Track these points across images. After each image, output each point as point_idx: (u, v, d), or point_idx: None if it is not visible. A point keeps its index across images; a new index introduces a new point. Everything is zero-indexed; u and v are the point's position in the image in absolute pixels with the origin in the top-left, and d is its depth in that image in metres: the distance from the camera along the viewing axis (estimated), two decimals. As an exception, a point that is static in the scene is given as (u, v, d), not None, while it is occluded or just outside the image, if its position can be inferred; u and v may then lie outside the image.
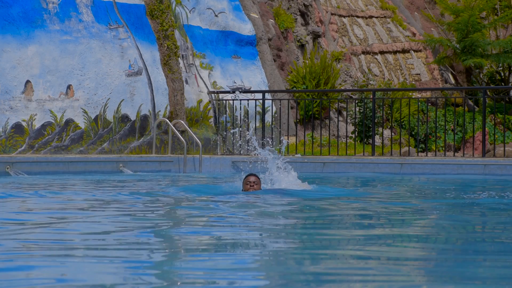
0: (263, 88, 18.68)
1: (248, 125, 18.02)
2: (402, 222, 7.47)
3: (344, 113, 20.55)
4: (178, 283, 4.36)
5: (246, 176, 10.03)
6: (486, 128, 16.83)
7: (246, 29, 19.26)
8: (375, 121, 17.57)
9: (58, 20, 15.33)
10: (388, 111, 19.47)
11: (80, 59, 15.38)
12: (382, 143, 17.50)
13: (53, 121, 14.95)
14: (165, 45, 16.93)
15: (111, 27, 16.10)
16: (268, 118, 18.12)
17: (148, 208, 8.40)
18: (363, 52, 24.08)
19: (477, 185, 12.64)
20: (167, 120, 16.24)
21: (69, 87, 15.18)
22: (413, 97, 20.45)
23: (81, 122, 15.28)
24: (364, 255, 5.28)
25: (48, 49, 15.00)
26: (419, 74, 24.84)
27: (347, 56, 22.75)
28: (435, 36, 24.15)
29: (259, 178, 10.04)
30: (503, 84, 23.90)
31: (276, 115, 18.57)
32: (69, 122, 15.15)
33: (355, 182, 13.63)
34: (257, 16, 19.62)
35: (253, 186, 9.86)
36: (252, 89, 18.43)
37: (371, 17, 25.32)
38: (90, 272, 4.59)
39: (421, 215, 8.04)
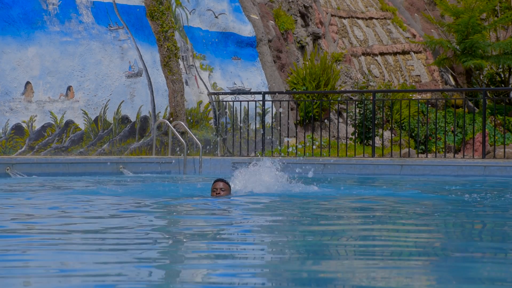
0: (263, 90, 18.67)
1: (248, 126, 18.02)
2: (402, 221, 7.47)
3: (344, 114, 20.54)
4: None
5: (214, 182, 9.53)
6: (486, 130, 16.82)
7: (246, 30, 19.26)
8: (375, 122, 17.56)
9: (58, 21, 15.33)
10: (388, 113, 19.46)
11: (80, 61, 15.38)
12: (382, 144, 17.49)
13: (53, 123, 14.94)
14: (165, 46, 16.93)
15: (111, 28, 16.09)
16: (268, 119, 18.12)
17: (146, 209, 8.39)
18: (363, 54, 24.08)
19: (477, 186, 12.63)
20: (167, 122, 16.23)
21: (69, 88, 15.17)
22: (413, 98, 20.44)
23: (81, 124, 15.28)
24: (363, 251, 5.28)
25: (48, 51, 15.00)
26: (419, 75, 24.83)
27: (347, 58, 22.74)
28: (435, 38, 24.14)
29: (228, 184, 9.53)
30: (503, 85, 23.90)
31: (276, 116, 18.56)
32: (69, 123, 15.14)
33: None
34: (257, 18, 19.62)
35: (219, 193, 9.33)
36: (252, 91, 18.43)
37: (371, 18, 25.32)
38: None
39: (422, 214, 8.04)
